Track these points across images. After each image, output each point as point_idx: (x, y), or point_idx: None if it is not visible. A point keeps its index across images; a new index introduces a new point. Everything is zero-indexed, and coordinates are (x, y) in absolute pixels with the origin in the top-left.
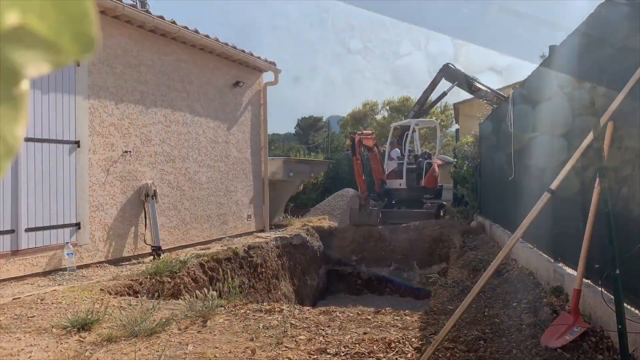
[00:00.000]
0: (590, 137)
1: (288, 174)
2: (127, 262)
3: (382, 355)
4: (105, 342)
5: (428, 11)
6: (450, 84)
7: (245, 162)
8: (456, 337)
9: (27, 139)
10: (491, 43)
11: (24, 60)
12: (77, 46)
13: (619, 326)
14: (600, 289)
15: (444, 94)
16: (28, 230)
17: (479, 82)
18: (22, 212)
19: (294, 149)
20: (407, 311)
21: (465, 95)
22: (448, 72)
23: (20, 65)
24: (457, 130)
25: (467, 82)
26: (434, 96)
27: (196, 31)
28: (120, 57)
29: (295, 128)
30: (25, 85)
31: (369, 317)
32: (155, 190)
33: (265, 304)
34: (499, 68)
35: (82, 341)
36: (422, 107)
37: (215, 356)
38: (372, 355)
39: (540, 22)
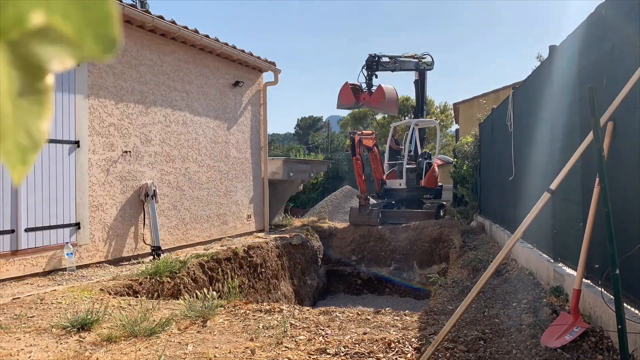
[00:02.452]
0: (590, 137)
1: (288, 174)
2: (126, 262)
3: (382, 355)
4: (105, 342)
5: None
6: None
7: (245, 162)
8: (456, 337)
9: None
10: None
11: (49, 55)
12: (99, 46)
13: (619, 326)
14: (600, 289)
15: (416, 81)
16: (28, 230)
17: (386, 56)
18: (21, 212)
19: (294, 149)
20: (407, 311)
21: (465, 95)
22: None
23: (45, 60)
24: (457, 130)
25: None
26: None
27: (196, 31)
28: (119, 57)
29: (295, 128)
30: (50, 79)
31: (369, 317)
32: (155, 190)
33: (265, 304)
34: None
35: (82, 341)
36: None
37: (215, 356)
38: (372, 355)
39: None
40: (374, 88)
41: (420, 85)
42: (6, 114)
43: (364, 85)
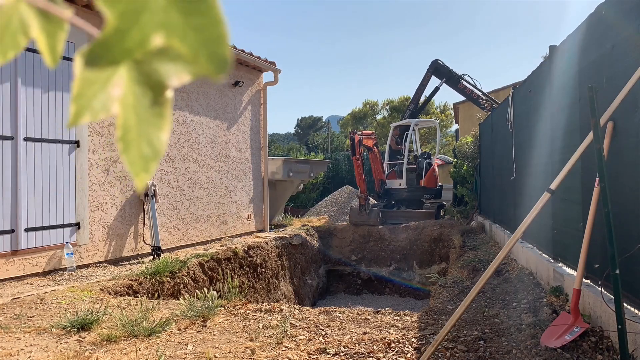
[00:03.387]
0: (590, 137)
1: (288, 174)
2: (126, 262)
3: (381, 355)
4: (104, 342)
5: None
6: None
7: (245, 162)
8: (456, 337)
9: (27, 139)
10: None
11: (168, 72)
12: (212, 66)
13: (619, 326)
14: (600, 289)
15: (437, 89)
16: (28, 230)
17: (467, 81)
18: (21, 212)
19: (294, 148)
20: (406, 311)
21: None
22: (436, 69)
23: (165, 76)
24: (457, 130)
25: (454, 79)
26: (427, 92)
27: None
28: None
29: (295, 128)
30: (169, 94)
31: (369, 317)
32: (154, 190)
33: (265, 304)
34: None
35: (82, 341)
36: (417, 105)
37: (215, 356)
38: (371, 355)
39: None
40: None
41: (425, 86)
42: (131, 127)
43: None
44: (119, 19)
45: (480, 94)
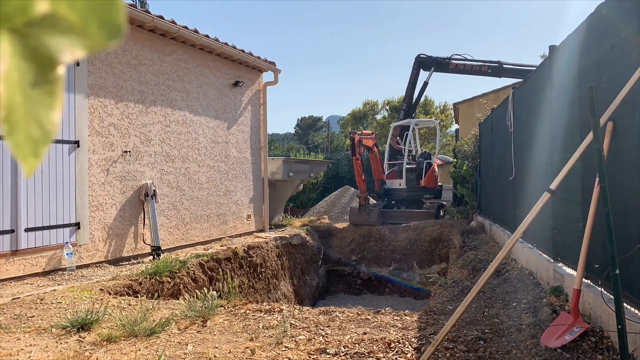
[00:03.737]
0: (590, 137)
1: (288, 174)
2: (126, 262)
3: (381, 355)
4: (104, 342)
5: None
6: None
7: (245, 162)
8: (456, 337)
9: None
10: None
11: (59, 46)
12: (104, 32)
13: (619, 326)
14: (600, 289)
15: (426, 83)
16: (28, 230)
17: (456, 59)
18: (21, 212)
19: (294, 148)
20: (406, 311)
21: (465, 95)
22: (421, 62)
23: (55, 51)
24: (457, 130)
25: (443, 64)
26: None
27: (196, 31)
28: (119, 57)
29: (295, 128)
30: (61, 70)
31: (369, 317)
32: (154, 190)
33: (265, 304)
34: None
35: (82, 341)
36: (410, 103)
37: (215, 356)
38: (371, 355)
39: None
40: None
41: (415, 83)
42: (17, 106)
43: None
44: None
45: (474, 63)
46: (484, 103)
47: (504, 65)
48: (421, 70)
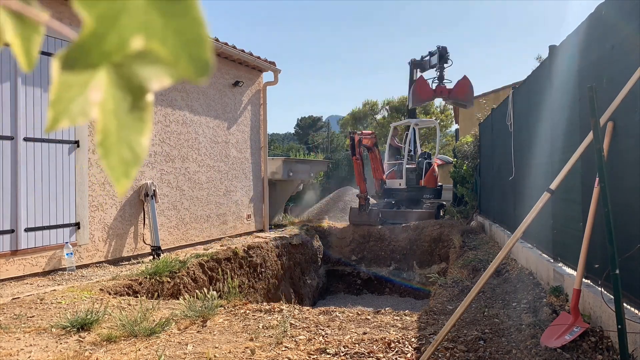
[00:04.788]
0: (590, 137)
1: (288, 174)
2: (126, 262)
3: (381, 355)
4: (104, 342)
5: None
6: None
7: (244, 161)
8: (456, 337)
9: (27, 139)
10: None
11: (148, 75)
12: (193, 68)
13: (619, 326)
14: (600, 288)
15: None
16: (27, 230)
17: (433, 63)
18: (21, 212)
19: (294, 148)
20: (406, 311)
21: None
22: (416, 64)
23: (145, 79)
24: (457, 130)
25: (438, 56)
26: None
27: None
28: None
29: (295, 128)
30: (150, 97)
31: (369, 317)
32: (154, 190)
33: (264, 304)
34: None
35: (82, 341)
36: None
37: (215, 356)
38: (371, 355)
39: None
40: (446, 80)
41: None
42: (111, 132)
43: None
44: (97, 22)
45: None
46: (484, 103)
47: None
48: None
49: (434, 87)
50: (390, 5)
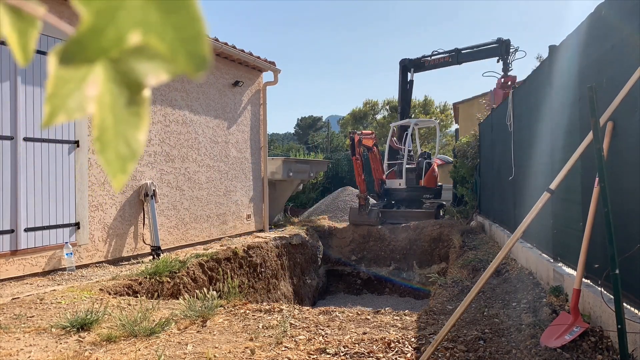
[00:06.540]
0: (589, 137)
1: (287, 174)
2: (126, 262)
3: (381, 355)
4: (104, 342)
5: None
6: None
7: (244, 161)
8: (455, 337)
9: (27, 139)
10: None
11: (145, 70)
12: (191, 63)
13: (619, 326)
14: (599, 288)
15: (411, 81)
16: (27, 230)
17: (425, 58)
18: (21, 212)
19: (294, 148)
20: (406, 311)
21: (465, 95)
22: (404, 66)
23: (142, 75)
24: (456, 130)
25: (418, 64)
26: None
27: None
28: None
29: (294, 128)
30: (147, 93)
31: (369, 317)
32: (154, 190)
33: (264, 303)
34: None
35: (82, 341)
36: (404, 104)
37: (214, 356)
38: (371, 355)
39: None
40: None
41: (405, 86)
42: (108, 127)
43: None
44: (95, 17)
45: (439, 56)
46: (484, 103)
47: (462, 52)
48: (410, 72)
49: (502, 81)
50: (390, 5)
